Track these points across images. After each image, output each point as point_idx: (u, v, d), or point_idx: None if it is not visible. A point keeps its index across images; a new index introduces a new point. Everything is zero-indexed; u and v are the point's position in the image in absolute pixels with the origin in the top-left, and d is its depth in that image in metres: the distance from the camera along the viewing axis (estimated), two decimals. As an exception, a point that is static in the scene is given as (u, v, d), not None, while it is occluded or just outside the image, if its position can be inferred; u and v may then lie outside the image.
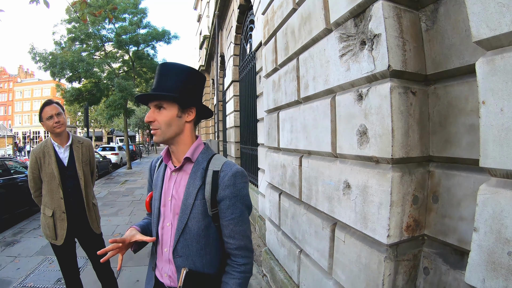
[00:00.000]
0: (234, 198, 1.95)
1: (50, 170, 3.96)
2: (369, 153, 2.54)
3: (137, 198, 14.05)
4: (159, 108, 1.95)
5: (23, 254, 7.46)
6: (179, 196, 2.04)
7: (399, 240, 2.40)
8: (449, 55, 2.25)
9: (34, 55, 24.08)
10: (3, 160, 11.97)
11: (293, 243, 4.36)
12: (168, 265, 2.08)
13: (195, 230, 1.97)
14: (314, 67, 3.48)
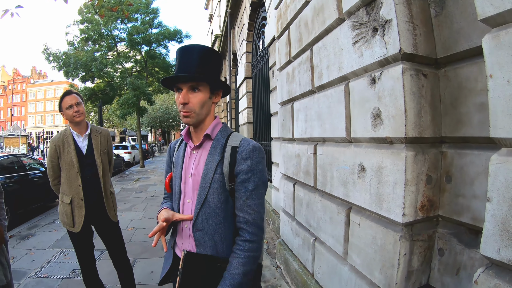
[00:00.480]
0: (250, 172, 2.00)
1: (69, 159, 4.05)
2: (383, 134, 2.61)
3: (151, 195, 14.18)
4: (194, 89, 1.98)
5: (38, 247, 7.61)
6: (198, 172, 2.09)
7: (414, 220, 2.46)
8: (458, 39, 2.32)
9: (48, 55, 24.36)
10: (19, 157, 12.20)
11: (308, 231, 4.43)
12: (187, 240, 2.13)
13: (214, 204, 2.02)
14: (328, 56, 3.56)
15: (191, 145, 2.19)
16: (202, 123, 2.10)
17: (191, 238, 2.11)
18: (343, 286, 3.37)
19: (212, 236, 2.04)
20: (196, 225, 2.06)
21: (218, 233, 2.04)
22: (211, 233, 2.04)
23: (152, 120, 56.85)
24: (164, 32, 26.86)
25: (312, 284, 4.15)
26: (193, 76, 1.96)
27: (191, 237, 2.11)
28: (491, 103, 1.71)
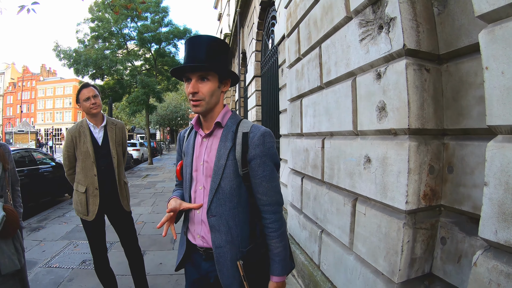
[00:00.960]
0: (265, 157, 2.10)
1: (85, 149, 4.19)
2: (387, 126, 2.73)
3: (159, 191, 14.38)
4: (203, 79, 2.05)
5: (48, 238, 7.80)
6: (211, 159, 2.17)
7: (417, 208, 2.57)
8: (459, 35, 2.44)
9: (58, 53, 24.58)
10: (30, 151, 12.46)
11: (315, 224, 4.54)
12: (200, 226, 2.22)
13: (227, 190, 2.11)
14: (336, 53, 3.68)
15: (202, 134, 2.27)
16: (211, 112, 2.18)
17: (203, 224, 2.21)
18: (349, 276, 3.46)
19: (226, 221, 2.13)
20: (210, 211, 2.14)
21: (232, 218, 2.13)
22: (225, 218, 2.13)
23: (161, 118, 56.96)
24: (174, 31, 26.95)
25: (318, 276, 4.26)
26: (202, 65, 2.02)
27: (203, 223, 2.20)
28: (487, 93, 1.82)
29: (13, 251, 3.38)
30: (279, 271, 2.17)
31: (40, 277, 5.56)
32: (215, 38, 2.14)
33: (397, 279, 2.67)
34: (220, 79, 2.13)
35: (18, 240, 3.53)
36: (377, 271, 2.98)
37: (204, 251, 2.24)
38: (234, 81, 2.28)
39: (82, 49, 25.62)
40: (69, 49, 24.92)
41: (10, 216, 3.32)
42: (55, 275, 5.63)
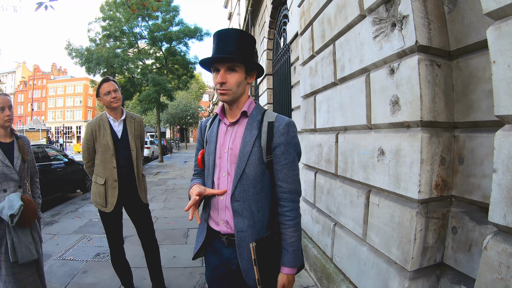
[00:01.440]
0: (288, 145, 2.19)
1: (105, 142, 4.29)
2: (401, 119, 2.85)
3: (170, 188, 14.49)
4: (231, 70, 2.14)
5: (62, 232, 7.96)
6: (235, 146, 2.25)
7: (429, 197, 2.68)
8: (469, 32, 2.55)
9: (70, 51, 24.75)
10: (43, 148, 12.64)
11: (328, 217, 4.63)
12: (224, 212, 2.29)
13: (252, 176, 2.19)
14: (350, 50, 3.79)
15: (227, 122, 2.36)
16: (237, 101, 2.27)
17: (227, 210, 2.28)
18: (362, 267, 3.56)
19: (249, 206, 2.21)
20: (234, 196, 2.22)
21: (255, 203, 2.21)
22: (249, 203, 2.21)
23: (171, 117, 57.00)
24: (185, 30, 26.99)
25: (331, 268, 4.36)
26: (231, 57, 2.11)
27: (227, 208, 2.28)
28: (494, 85, 1.93)
29: (30, 241, 3.52)
30: (291, 261, 2.22)
31: (54, 269, 5.69)
32: (243, 32, 2.23)
33: (410, 267, 2.76)
34: (247, 71, 2.23)
35: (35, 230, 3.67)
36: (390, 261, 3.08)
37: (227, 238, 2.31)
38: (260, 73, 2.36)
39: (94, 47, 25.79)
40: (81, 48, 25.12)
41: (27, 205, 3.46)
42: (70, 267, 5.75)
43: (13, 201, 3.36)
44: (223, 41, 2.17)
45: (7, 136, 3.71)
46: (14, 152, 3.68)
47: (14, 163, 3.63)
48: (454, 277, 2.70)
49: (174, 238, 7.41)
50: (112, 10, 26.07)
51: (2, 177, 3.52)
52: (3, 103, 3.57)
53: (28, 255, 3.47)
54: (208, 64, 2.24)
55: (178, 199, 11.96)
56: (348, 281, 3.91)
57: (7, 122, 3.62)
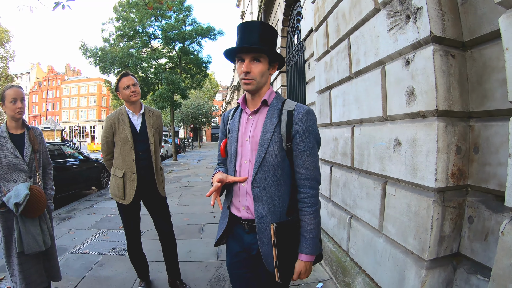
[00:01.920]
0: (307, 132, 2.24)
1: (124, 135, 4.34)
2: (416, 109, 2.89)
3: (185, 185, 14.57)
4: (256, 60, 2.22)
5: (78, 227, 8.07)
6: (256, 134, 2.32)
7: (445, 186, 2.72)
8: (481, 23, 2.59)
9: (85, 51, 25.00)
10: (59, 145, 12.88)
11: (344, 210, 4.68)
12: (245, 198, 2.36)
13: (272, 162, 2.25)
14: (365, 43, 3.84)
15: (248, 111, 2.43)
16: (259, 91, 2.35)
17: (248, 196, 2.35)
18: (378, 258, 3.60)
19: (269, 192, 2.26)
20: (255, 182, 2.29)
21: (275, 189, 2.27)
22: (269, 189, 2.26)
23: (184, 116, 57.20)
24: (198, 29, 27.05)
25: (347, 261, 4.40)
26: (256, 47, 2.18)
27: (248, 194, 2.35)
28: (508, 72, 1.98)
29: (38, 232, 3.60)
30: (309, 249, 2.24)
31: (71, 262, 5.78)
32: (266, 24, 2.31)
33: (427, 256, 2.79)
34: (270, 62, 2.31)
35: (44, 221, 3.75)
36: (406, 251, 3.11)
37: (248, 224, 2.38)
38: (281, 65, 2.44)
39: (108, 47, 26.01)
40: (95, 48, 25.36)
41: (35, 195, 3.54)
42: (86, 261, 5.84)
43: (20, 190, 3.44)
44: (247, 32, 2.26)
45: (18, 128, 3.81)
46: (25, 143, 3.78)
47: (24, 154, 3.72)
48: (470, 267, 2.73)
49: (190, 233, 7.49)
50: (125, 11, 26.27)
51: (12, 168, 3.63)
52: (16, 95, 3.67)
53: (34, 246, 3.55)
54: (232, 54, 2.32)
55: (193, 196, 12.03)
56: (364, 273, 3.94)
57: (18, 114, 3.71)
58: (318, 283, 4.78)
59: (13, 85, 3.79)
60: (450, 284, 2.86)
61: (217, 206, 2.37)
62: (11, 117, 3.71)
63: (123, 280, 5.08)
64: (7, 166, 3.61)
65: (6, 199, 3.45)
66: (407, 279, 3.04)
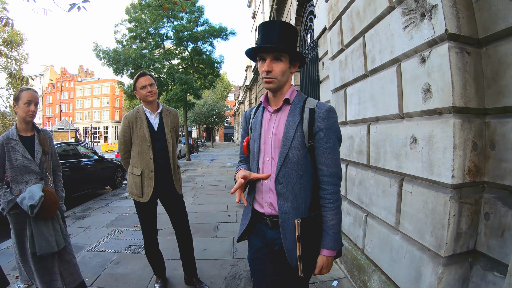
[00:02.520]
0: (329, 130, 2.28)
1: (142, 133, 4.39)
2: (433, 106, 2.90)
3: (199, 184, 14.64)
4: (277, 59, 2.27)
5: (93, 226, 8.17)
6: (279, 131, 2.37)
7: (462, 182, 2.73)
8: (496, 20, 2.60)
9: (98, 53, 25.18)
10: (74, 145, 12.98)
11: (360, 208, 4.70)
12: (268, 194, 2.41)
13: (295, 159, 2.30)
14: (380, 42, 3.85)
15: (270, 109, 2.48)
16: (281, 90, 2.39)
17: (271, 193, 2.39)
18: (394, 255, 3.61)
19: (292, 188, 2.31)
20: (278, 179, 2.33)
21: (297, 186, 2.31)
22: (292, 186, 2.31)
23: (197, 116, 57.38)
24: (210, 30, 27.14)
25: (362, 259, 4.42)
26: (277, 47, 2.23)
27: (271, 191, 2.39)
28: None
29: (51, 233, 3.65)
30: (331, 244, 2.27)
31: (87, 260, 5.87)
32: (286, 23, 2.34)
33: (444, 253, 2.81)
34: (291, 61, 2.34)
35: (57, 222, 3.79)
36: (423, 248, 3.12)
37: (271, 219, 2.42)
38: (302, 64, 2.47)
39: (121, 49, 26.18)
40: (108, 49, 25.54)
41: (48, 197, 3.59)
42: (102, 258, 5.92)
43: (34, 192, 3.49)
44: (268, 31, 2.30)
45: (28, 130, 3.86)
46: (35, 145, 3.83)
47: (35, 155, 3.78)
48: (486, 263, 2.73)
49: (205, 231, 7.54)
50: (137, 12, 26.44)
51: (23, 170, 3.69)
52: (31, 97, 3.72)
53: (47, 247, 3.59)
54: (254, 53, 2.38)
55: (207, 195, 12.08)
56: (380, 271, 3.95)
57: (30, 117, 3.76)
58: (333, 281, 4.78)
59: (29, 88, 3.85)
60: (466, 281, 2.87)
61: (234, 205, 2.42)
62: (22, 119, 3.76)
63: (139, 277, 5.14)
64: (19, 168, 3.67)
65: (19, 200, 3.50)
66: (424, 276, 3.05)
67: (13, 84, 36.44)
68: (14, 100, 3.77)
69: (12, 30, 31.04)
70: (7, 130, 3.86)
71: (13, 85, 36.94)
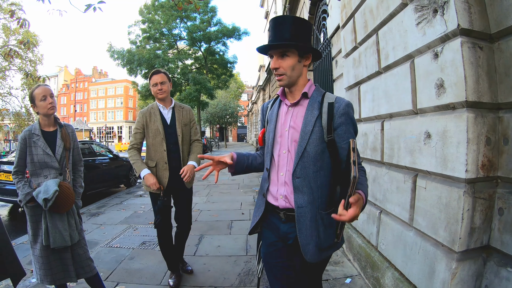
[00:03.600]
0: (348, 124, 2.32)
1: (156, 127, 4.60)
2: (446, 101, 2.91)
3: (212, 183, 14.78)
4: (283, 55, 2.31)
5: (108, 223, 8.31)
6: (297, 125, 2.39)
7: (476, 177, 2.74)
8: (508, 14, 2.61)
9: (112, 53, 25.51)
10: (89, 144, 13.31)
11: (374, 205, 4.70)
12: (284, 187, 2.43)
13: (312, 154, 2.32)
14: (393, 38, 3.86)
15: (288, 103, 2.51)
16: (295, 84, 2.42)
17: (286, 186, 2.42)
18: (408, 252, 3.62)
19: (309, 183, 2.34)
20: (295, 173, 2.35)
21: (314, 181, 2.34)
22: (308, 180, 2.34)
23: (211, 116, 57.57)
24: (223, 30, 27.28)
25: (376, 256, 4.42)
26: (280, 44, 2.28)
27: (286, 184, 2.42)
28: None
29: (65, 227, 3.72)
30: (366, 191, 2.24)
31: (102, 255, 5.99)
32: (296, 17, 2.39)
33: (458, 248, 2.81)
34: (300, 54, 2.36)
35: (72, 217, 3.85)
36: (437, 244, 3.13)
37: (284, 213, 2.44)
38: (316, 56, 2.49)
39: (135, 49, 26.44)
40: (122, 50, 25.79)
41: (63, 191, 3.66)
42: (117, 254, 6.03)
43: (49, 186, 3.56)
44: (276, 28, 2.34)
45: (50, 125, 3.92)
46: (57, 140, 3.88)
47: (56, 151, 3.83)
48: (500, 259, 2.74)
49: (218, 229, 7.62)
50: (151, 13, 26.67)
51: (43, 165, 3.75)
52: (45, 92, 3.78)
53: (61, 241, 3.66)
54: (265, 53, 2.44)
55: (221, 194, 12.25)
56: (394, 268, 3.96)
57: (51, 110, 3.81)
58: (346, 279, 4.81)
59: (39, 84, 3.90)
60: (480, 277, 2.87)
61: (247, 203, 2.46)
62: (44, 114, 3.81)
63: (153, 272, 5.21)
64: (39, 163, 3.74)
65: (35, 193, 3.58)
66: (437, 272, 3.06)
67: (28, 84, 36.85)
68: (30, 102, 3.83)
69: (27, 31, 31.32)
70: (30, 125, 3.94)
71: (27, 86, 37.35)
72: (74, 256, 3.89)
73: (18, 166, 3.77)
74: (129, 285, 4.80)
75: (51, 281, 3.76)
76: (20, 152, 3.74)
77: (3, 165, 10.36)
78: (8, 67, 35.48)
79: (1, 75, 35.60)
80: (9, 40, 34.52)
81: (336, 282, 4.70)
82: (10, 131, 48.10)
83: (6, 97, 36.75)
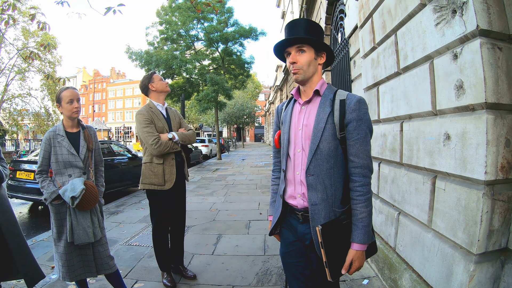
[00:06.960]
0: (360, 121, 2.30)
1: (161, 125, 4.73)
2: (466, 102, 2.90)
3: (230, 183, 14.79)
4: (300, 51, 2.36)
5: (127, 221, 8.42)
6: (310, 123, 2.41)
7: (495, 179, 2.72)
8: (527, 15, 2.59)
9: (130, 54, 25.72)
10: (108, 143, 13.51)
11: (392, 206, 4.68)
12: (300, 186, 2.45)
13: (325, 151, 2.32)
14: (412, 39, 3.85)
15: (301, 102, 2.54)
16: (310, 81, 2.45)
17: (302, 185, 2.43)
18: (426, 253, 3.60)
19: (322, 180, 2.34)
20: (309, 170, 2.36)
21: (328, 178, 2.34)
22: (322, 177, 2.34)
23: (228, 116, 57.76)
24: (240, 30, 27.29)
25: (394, 258, 4.40)
26: (297, 37, 2.34)
27: (302, 183, 2.43)
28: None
29: (89, 224, 3.80)
30: (360, 237, 2.28)
31: (121, 253, 6.09)
32: (310, 20, 2.44)
33: (476, 250, 2.80)
34: (316, 52, 2.40)
35: (95, 215, 3.94)
36: (455, 246, 3.12)
37: (302, 214, 2.46)
38: (330, 56, 2.52)
39: (152, 50, 26.63)
40: (140, 51, 25.95)
41: (89, 190, 3.77)
42: (135, 252, 6.12)
43: (76, 184, 3.67)
44: (292, 28, 2.41)
45: (74, 127, 4.03)
46: (80, 141, 3.99)
47: (80, 151, 3.93)
48: (519, 262, 2.69)
49: (236, 228, 7.66)
50: (168, 15, 26.82)
51: (68, 164, 3.85)
52: (73, 96, 3.89)
53: (84, 237, 3.75)
54: (281, 51, 2.49)
55: (238, 194, 12.20)
56: (411, 269, 3.94)
57: (75, 114, 3.92)
58: (364, 280, 4.79)
59: (68, 87, 4.01)
60: (498, 280, 2.86)
61: (265, 203, 2.49)
62: (68, 117, 3.92)
63: (171, 272, 5.24)
64: (63, 162, 3.83)
65: (62, 192, 3.67)
66: (455, 274, 3.04)
67: (47, 85, 37.38)
68: (56, 102, 3.95)
69: (45, 34, 31.80)
70: (54, 126, 4.05)
71: (47, 87, 37.89)
72: (94, 253, 3.96)
73: (42, 165, 3.87)
74: (147, 283, 4.87)
75: (73, 278, 3.85)
76: (44, 152, 3.84)
77: (23, 164, 10.53)
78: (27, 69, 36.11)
79: (21, 76, 36.22)
80: (28, 42, 35.15)
81: (353, 283, 4.69)
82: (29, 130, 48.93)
83: (26, 97, 37.43)
